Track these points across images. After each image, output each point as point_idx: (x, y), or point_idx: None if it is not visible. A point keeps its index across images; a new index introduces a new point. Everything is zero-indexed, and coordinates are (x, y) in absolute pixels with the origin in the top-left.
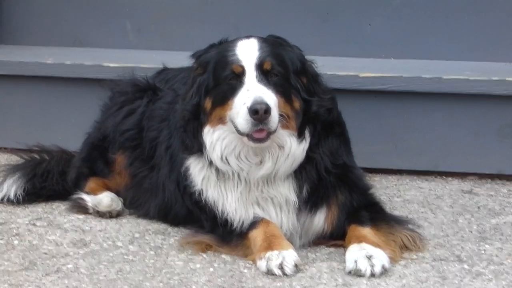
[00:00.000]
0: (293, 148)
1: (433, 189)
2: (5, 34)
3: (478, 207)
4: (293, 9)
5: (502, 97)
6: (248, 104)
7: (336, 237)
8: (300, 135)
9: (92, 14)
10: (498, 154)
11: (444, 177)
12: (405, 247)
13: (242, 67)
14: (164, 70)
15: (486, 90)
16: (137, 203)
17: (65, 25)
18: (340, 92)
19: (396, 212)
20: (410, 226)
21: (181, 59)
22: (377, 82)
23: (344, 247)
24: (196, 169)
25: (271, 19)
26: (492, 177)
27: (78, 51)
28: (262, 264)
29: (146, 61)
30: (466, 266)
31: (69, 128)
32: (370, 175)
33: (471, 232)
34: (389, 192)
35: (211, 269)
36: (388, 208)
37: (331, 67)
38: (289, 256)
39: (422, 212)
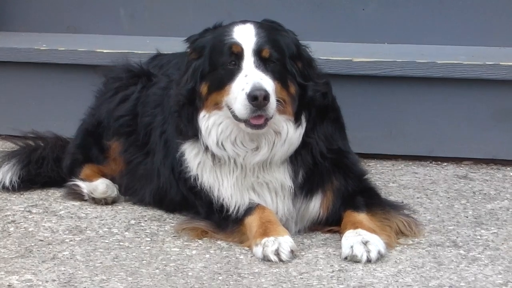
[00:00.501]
0: (289, 133)
1: (428, 174)
2: (0, 21)
3: (474, 192)
4: None
5: (496, 81)
6: (247, 90)
7: (331, 223)
8: (297, 120)
9: (86, 1)
10: (493, 139)
11: (440, 162)
12: (400, 233)
13: (240, 51)
14: (158, 56)
15: (480, 75)
16: (132, 189)
17: (59, 12)
18: (334, 77)
19: (392, 198)
20: (405, 211)
21: (174, 45)
22: (371, 67)
23: (340, 233)
24: (191, 154)
25: (265, 4)
26: (487, 162)
27: (72, 37)
28: (258, 250)
29: (139, 47)
30: (462, 252)
31: (63, 115)
32: (365, 160)
33: (467, 217)
34: (385, 177)
35: (207, 256)
36: (383, 193)
37: (325, 52)
38: (285, 242)
39: (417, 197)
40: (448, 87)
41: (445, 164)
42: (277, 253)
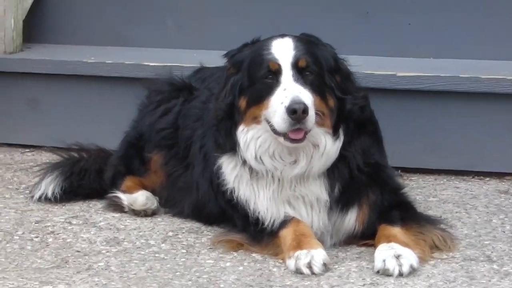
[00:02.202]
0: (328, 146)
1: (469, 189)
2: (49, 34)
3: None
4: (333, 8)
5: None
6: (286, 103)
7: (367, 237)
8: (335, 133)
9: (134, 13)
10: None
11: (482, 177)
12: (435, 247)
13: (279, 65)
14: (201, 69)
15: None
16: (172, 201)
17: (107, 24)
18: (378, 92)
19: (430, 212)
20: (442, 225)
21: (220, 58)
22: (414, 81)
23: (374, 246)
24: (228, 167)
25: (311, 17)
26: None
27: (119, 50)
28: (291, 263)
29: (186, 60)
30: (495, 266)
31: (109, 127)
32: (407, 175)
33: (504, 232)
34: (425, 191)
35: (241, 268)
36: (422, 207)
37: (370, 65)
38: (318, 255)
39: (456, 212)
40: (491, 102)
41: (488, 179)
42: (309, 266)
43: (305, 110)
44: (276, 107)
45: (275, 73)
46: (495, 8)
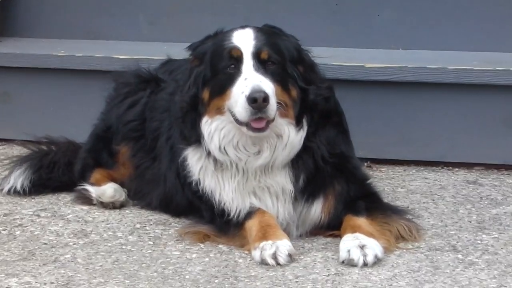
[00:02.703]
0: (291, 136)
1: (438, 179)
2: (19, 28)
3: (481, 198)
4: (303, 1)
5: (507, 87)
6: (247, 92)
7: (333, 227)
8: (298, 124)
9: (105, 7)
10: (504, 144)
11: (451, 167)
12: (401, 237)
13: (240, 53)
14: (169, 61)
15: (491, 80)
16: (140, 193)
17: (79, 18)
18: (347, 83)
19: (398, 203)
20: (408, 216)
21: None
22: (383, 73)
23: (340, 237)
24: (193, 159)
25: (281, 10)
26: (499, 167)
27: (90, 43)
28: (256, 254)
29: (155, 53)
30: (460, 256)
31: (81, 120)
32: (377, 166)
33: (470, 222)
34: (394, 182)
35: (207, 259)
36: (390, 198)
37: (339, 57)
38: (283, 246)
39: (424, 202)
40: (459, 92)
41: (457, 169)
42: (274, 256)
43: (265, 99)
44: (238, 96)
45: (236, 61)
46: None
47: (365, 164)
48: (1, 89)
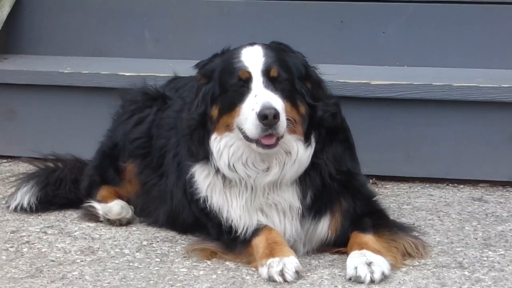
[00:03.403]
0: (300, 153)
1: (443, 196)
2: (25, 44)
3: (486, 214)
4: (308, 17)
5: None
6: (257, 109)
7: (340, 244)
8: (307, 140)
9: (111, 24)
10: (509, 161)
11: (456, 184)
12: (407, 254)
13: (249, 73)
14: (175, 79)
15: (496, 98)
16: (147, 210)
17: (85, 35)
18: (352, 100)
19: (404, 219)
20: (414, 233)
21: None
22: (388, 90)
23: (347, 254)
24: (201, 176)
25: (286, 27)
26: (504, 184)
27: (96, 60)
28: (263, 271)
29: (162, 70)
30: (466, 273)
31: (86, 137)
32: (382, 183)
33: (476, 239)
34: (399, 199)
35: (214, 276)
36: (396, 215)
37: (344, 74)
38: (290, 262)
39: (429, 219)
40: (464, 109)
41: (462, 186)
42: (282, 273)
43: (276, 115)
44: (248, 113)
45: (246, 81)
46: (468, 17)
47: (370, 181)
48: (6, 106)
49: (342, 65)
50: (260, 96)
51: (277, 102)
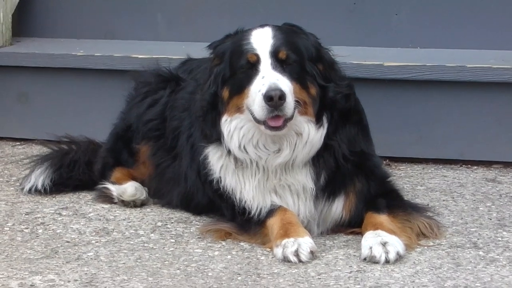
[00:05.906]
0: (311, 134)
1: (457, 177)
2: (38, 27)
3: (500, 195)
4: (321, 0)
5: None
6: (263, 90)
7: (354, 225)
8: (318, 122)
9: (124, 7)
10: None
11: (470, 165)
12: (422, 234)
13: (257, 56)
14: (188, 61)
15: (510, 78)
16: (160, 192)
17: (97, 18)
18: (365, 82)
19: (418, 200)
20: (428, 213)
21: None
22: (401, 71)
23: (361, 234)
24: (214, 157)
25: (299, 10)
26: None
27: (109, 43)
28: (278, 251)
29: (174, 52)
30: (481, 253)
31: (99, 119)
32: (395, 164)
33: (490, 219)
34: (413, 180)
35: (229, 257)
36: (410, 196)
37: (357, 56)
38: (304, 243)
39: (443, 200)
40: (478, 90)
41: (475, 167)
42: (296, 254)
43: (281, 97)
44: (255, 95)
45: (254, 63)
46: None
47: (384, 162)
48: (19, 89)
49: (355, 47)
50: (267, 78)
51: (284, 84)
